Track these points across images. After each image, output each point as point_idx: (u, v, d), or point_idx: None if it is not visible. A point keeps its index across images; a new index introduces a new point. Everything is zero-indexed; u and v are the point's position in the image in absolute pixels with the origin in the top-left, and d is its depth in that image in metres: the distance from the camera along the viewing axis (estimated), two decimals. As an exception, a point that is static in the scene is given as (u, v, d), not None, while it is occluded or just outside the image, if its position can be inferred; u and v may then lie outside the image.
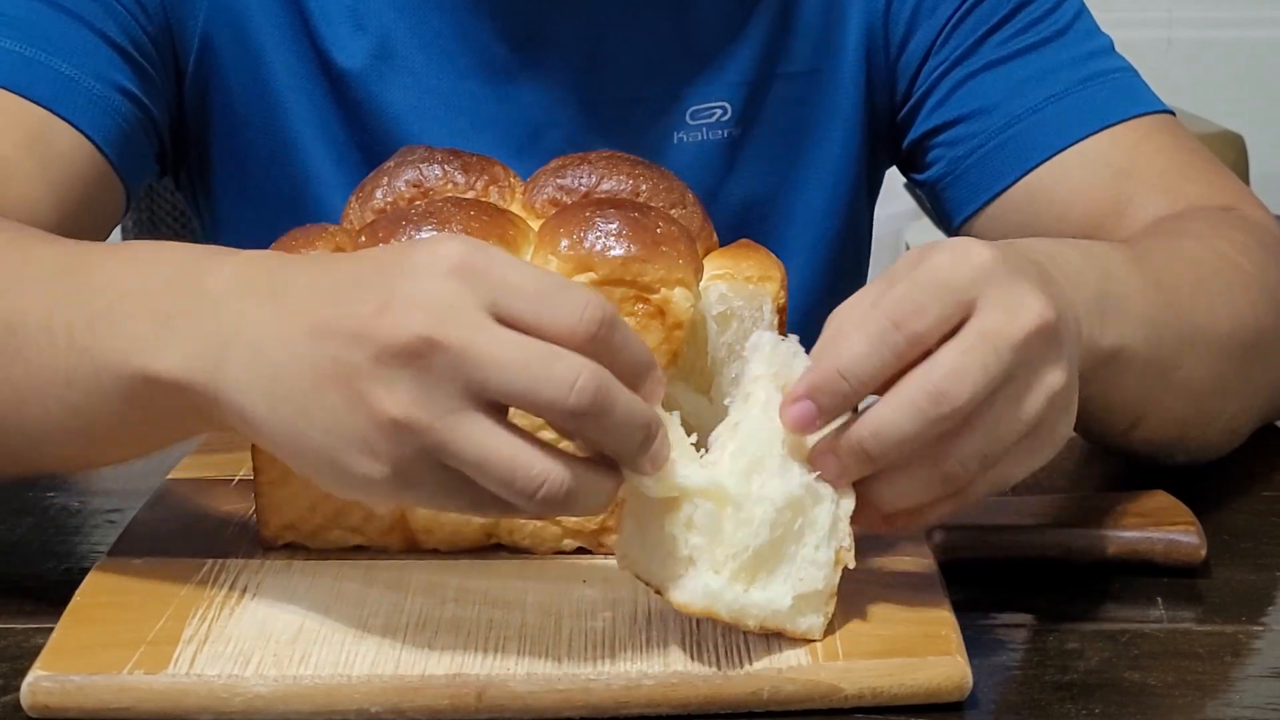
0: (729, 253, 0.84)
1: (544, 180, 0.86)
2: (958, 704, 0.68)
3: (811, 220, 1.15)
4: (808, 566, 0.70)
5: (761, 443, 0.69)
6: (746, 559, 0.69)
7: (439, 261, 0.65)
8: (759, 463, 0.69)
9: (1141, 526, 0.81)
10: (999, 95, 1.08)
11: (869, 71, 1.12)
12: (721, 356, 0.83)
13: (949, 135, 1.10)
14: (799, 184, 1.14)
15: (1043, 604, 0.78)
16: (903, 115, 1.14)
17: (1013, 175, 1.07)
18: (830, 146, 1.13)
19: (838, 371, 0.68)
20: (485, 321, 0.64)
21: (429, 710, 0.67)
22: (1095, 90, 1.07)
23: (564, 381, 0.64)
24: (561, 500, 0.65)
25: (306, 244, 0.78)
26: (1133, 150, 1.05)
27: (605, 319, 0.65)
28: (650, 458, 0.67)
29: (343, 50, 1.08)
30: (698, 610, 0.69)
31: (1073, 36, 1.09)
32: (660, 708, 0.67)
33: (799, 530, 0.69)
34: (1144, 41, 1.13)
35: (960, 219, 1.11)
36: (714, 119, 1.10)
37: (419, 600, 0.74)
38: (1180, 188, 1.03)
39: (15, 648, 0.73)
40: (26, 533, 0.87)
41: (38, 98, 0.97)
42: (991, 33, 1.09)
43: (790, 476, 0.69)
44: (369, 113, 1.08)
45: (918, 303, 0.68)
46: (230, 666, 0.68)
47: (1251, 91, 2.92)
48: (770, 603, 0.69)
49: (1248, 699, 0.69)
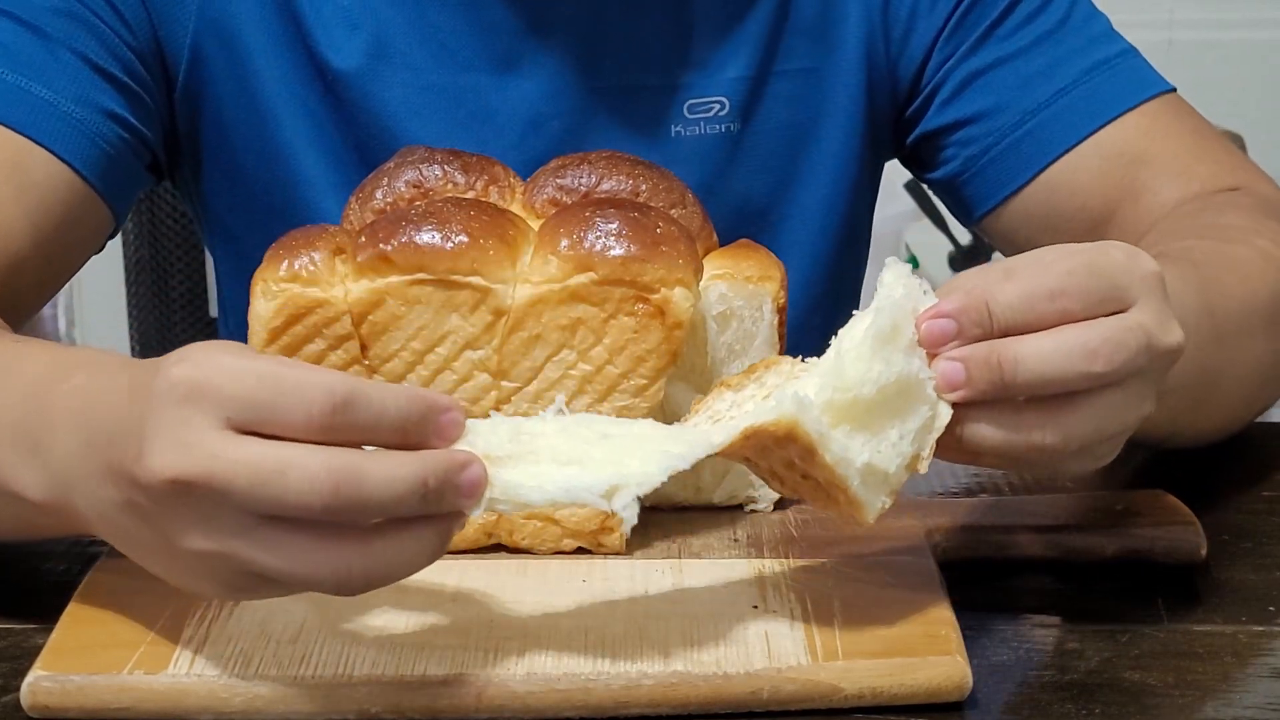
0: (729, 253, 0.84)
1: (544, 180, 0.86)
2: (958, 704, 0.68)
3: (811, 218, 1.16)
4: (888, 446, 0.70)
5: (899, 319, 0.70)
6: (845, 401, 0.69)
7: (172, 390, 0.64)
8: (897, 332, 0.70)
9: (1141, 526, 0.81)
10: (1009, 93, 1.10)
11: (869, 69, 1.13)
12: (721, 356, 0.83)
13: (962, 134, 1.12)
14: (799, 181, 1.15)
15: (1043, 604, 0.78)
16: (909, 113, 1.14)
17: (1031, 171, 1.10)
18: (830, 144, 1.14)
19: (987, 305, 0.70)
20: (223, 442, 0.64)
21: (429, 710, 0.67)
22: (1101, 80, 1.09)
23: (301, 488, 0.63)
24: (379, 578, 0.65)
25: (306, 244, 0.78)
26: (1144, 136, 1.08)
27: (337, 404, 0.64)
28: (460, 500, 0.65)
29: (337, 52, 1.08)
30: (783, 417, 0.68)
31: (1074, 24, 1.11)
32: (660, 708, 0.67)
33: (897, 412, 0.70)
34: (1145, 42, 1.13)
35: (981, 212, 1.13)
36: (712, 114, 1.11)
37: (419, 600, 0.74)
38: (1192, 169, 1.06)
39: (15, 648, 0.73)
40: (27, 533, 0.87)
41: (15, 124, 0.97)
42: (995, 27, 1.10)
43: (898, 363, 0.70)
44: (365, 112, 1.08)
45: (1084, 286, 0.71)
46: (230, 666, 0.68)
47: (1252, 92, 2.92)
48: (846, 450, 0.69)
49: (1248, 699, 0.69)
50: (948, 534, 0.80)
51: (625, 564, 0.78)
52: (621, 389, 0.78)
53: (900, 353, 0.70)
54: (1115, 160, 1.08)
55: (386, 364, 0.78)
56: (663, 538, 0.80)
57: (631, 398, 0.78)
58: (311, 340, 0.77)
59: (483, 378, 0.78)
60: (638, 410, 0.78)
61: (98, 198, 1.01)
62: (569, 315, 0.77)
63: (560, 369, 0.78)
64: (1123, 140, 1.08)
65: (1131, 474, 0.92)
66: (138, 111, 1.05)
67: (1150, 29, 2.85)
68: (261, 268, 0.78)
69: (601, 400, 0.78)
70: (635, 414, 0.78)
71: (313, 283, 0.77)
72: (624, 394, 0.78)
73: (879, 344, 0.70)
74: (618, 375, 0.77)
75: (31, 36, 1.00)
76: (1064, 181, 1.09)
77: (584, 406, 0.78)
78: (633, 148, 1.07)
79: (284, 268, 0.77)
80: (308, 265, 0.77)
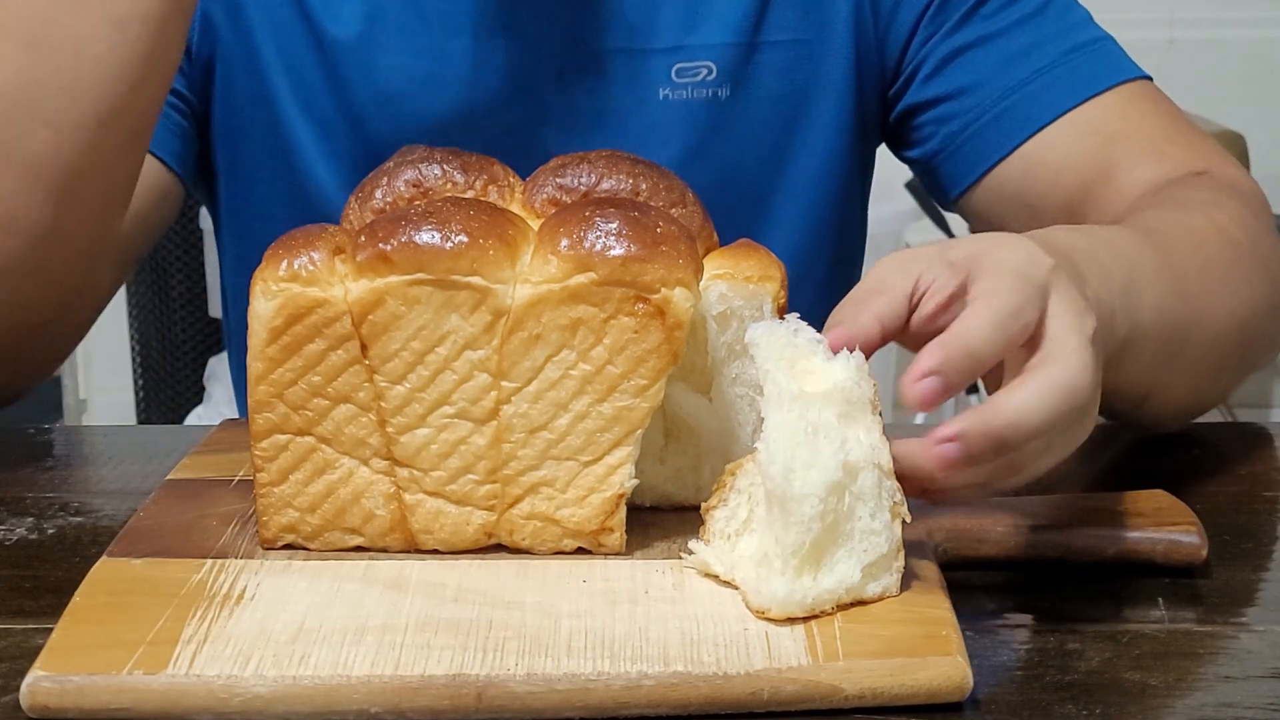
0: (729, 252, 0.84)
1: (543, 179, 0.86)
2: (958, 704, 0.68)
3: (802, 190, 1.16)
4: (868, 536, 0.71)
5: (787, 440, 0.70)
6: (806, 552, 0.70)
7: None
8: (791, 460, 0.70)
9: (1142, 527, 0.80)
10: (989, 70, 1.12)
11: (858, 44, 1.14)
12: (721, 356, 0.83)
13: (941, 111, 1.13)
14: (789, 154, 1.15)
15: (1043, 604, 0.78)
16: (893, 90, 1.16)
17: (1007, 148, 1.11)
18: (821, 116, 1.15)
19: (965, 351, 0.71)
20: None
21: (429, 710, 0.67)
22: (1080, 61, 1.11)
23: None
24: None
25: (306, 244, 0.78)
26: (1119, 117, 1.10)
27: None
28: None
29: (335, 20, 1.09)
30: (777, 615, 0.70)
31: (1055, 9, 1.13)
32: (660, 708, 0.67)
33: (849, 508, 0.71)
34: (1146, 41, 1.14)
35: (957, 191, 1.15)
36: (699, 78, 1.12)
37: (419, 600, 0.74)
38: (1165, 150, 1.08)
39: (15, 648, 0.73)
40: (26, 533, 0.87)
41: None
42: (978, 7, 1.12)
43: (824, 463, 0.70)
44: (359, 80, 1.10)
45: (1016, 301, 0.72)
46: (229, 667, 0.68)
47: (1253, 91, 2.92)
48: (841, 583, 0.71)
49: (1248, 699, 0.69)
50: (948, 534, 0.80)
51: (625, 564, 0.78)
52: (622, 389, 0.78)
53: (810, 468, 0.70)
54: (1090, 138, 1.09)
55: (387, 364, 0.77)
56: (663, 538, 0.80)
57: (632, 398, 0.78)
58: (312, 340, 0.77)
59: (483, 378, 0.78)
60: (638, 410, 0.78)
61: (178, 181, 1.10)
62: (569, 315, 0.77)
63: (560, 369, 0.77)
64: (1099, 119, 1.09)
65: (1132, 474, 0.92)
66: (186, 80, 1.11)
67: (1151, 28, 2.85)
68: (261, 267, 0.78)
69: (602, 401, 0.78)
70: (636, 414, 0.78)
71: (312, 282, 0.77)
72: (624, 394, 0.78)
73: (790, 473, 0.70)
74: (618, 375, 0.77)
75: None
76: (1039, 158, 1.10)
77: (584, 407, 0.78)
78: (620, 110, 1.09)
79: (284, 267, 0.77)
80: (307, 265, 0.77)
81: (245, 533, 0.81)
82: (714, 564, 0.75)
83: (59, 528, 0.88)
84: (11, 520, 0.89)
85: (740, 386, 0.83)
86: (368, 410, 0.78)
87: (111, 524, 0.88)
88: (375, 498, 0.79)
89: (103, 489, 0.94)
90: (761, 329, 0.74)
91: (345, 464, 0.79)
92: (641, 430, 0.78)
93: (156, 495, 0.86)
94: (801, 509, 0.70)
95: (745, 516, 0.75)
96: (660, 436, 0.84)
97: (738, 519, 0.75)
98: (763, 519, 0.73)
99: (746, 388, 0.83)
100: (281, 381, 0.78)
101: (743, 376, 0.82)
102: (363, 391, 0.78)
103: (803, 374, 0.73)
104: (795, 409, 0.71)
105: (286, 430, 0.79)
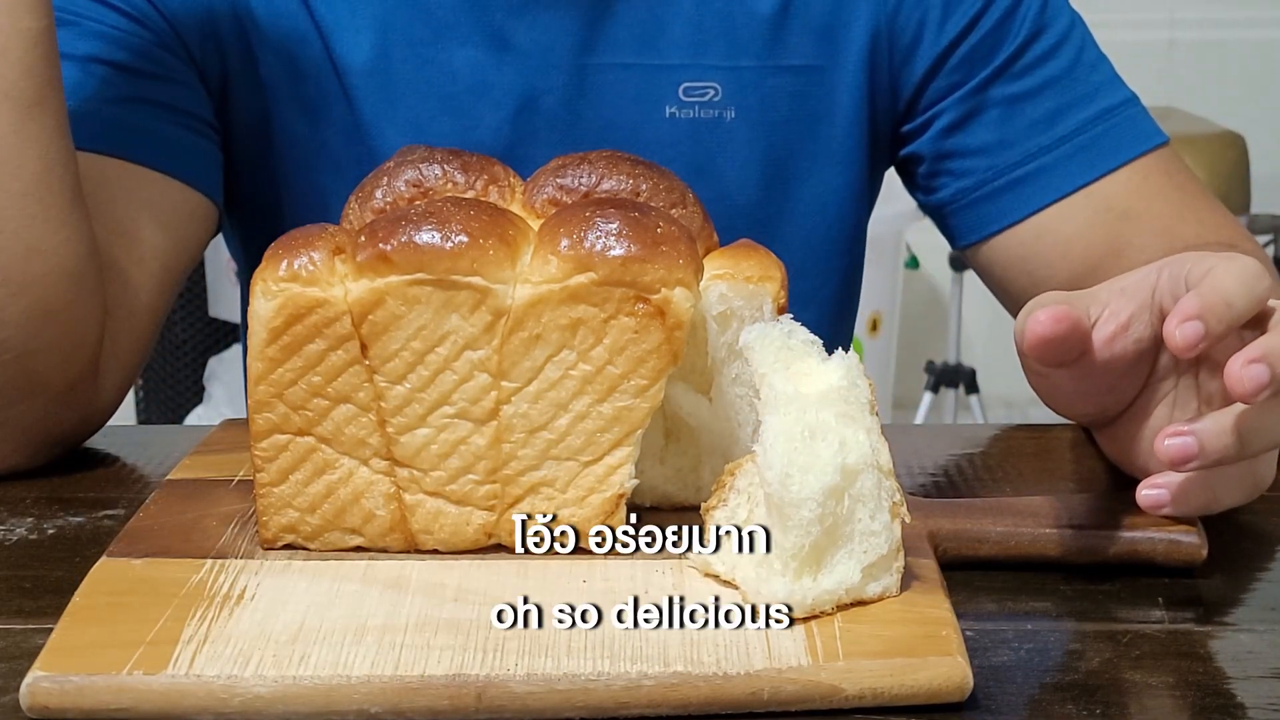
0: (729, 253, 0.84)
1: (544, 180, 0.86)
2: (958, 704, 0.68)
3: (806, 214, 1.16)
4: (867, 538, 0.72)
5: (784, 444, 0.70)
6: (806, 555, 0.70)
7: None
8: (789, 464, 0.70)
9: (1142, 526, 0.80)
10: (1012, 134, 1.13)
11: (871, 74, 1.13)
12: (721, 356, 0.83)
13: (959, 165, 1.14)
14: (795, 177, 1.15)
15: (1043, 604, 0.78)
16: (907, 128, 1.15)
17: (1020, 214, 1.13)
18: (829, 143, 1.15)
19: (1224, 299, 0.73)
20: None
21: (429, 710, 0.67)
22: (1102, 131, 1.12)
23: None
24: None
25: (306, 244, 0.78)
26: (1134, 194, 1.11)
27: None
28: None
29: (348, 38, 1.10)
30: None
31: (1081, 70, 1.14)
32: (660, 708, 0.67)
33: (849, 510, 0.71)
34: (1146, 42, 1.14)
35: (964, 244, 1.16)
36: (706, 98, 1.12)
37: (418, 600, 0.74)
38: (1176, 230, 1.09)
39: (15, 648, 0.73)
40: (26, 533, 0.87)
41: (144, 160, 1.05)
42: (1008, 65, 1.13)
43: (822, 467, 0.70)
44: (372, 95, 1.10)
45: (1256, 267, 0.75)
46: (229, 667, 0.68)
47: (1253, 92, 2.92)
48: (841, 583, 0.71)
49: (1248, 699, 0.69)
50: (948, 534, 0.80)
51: (625, 564, 0.78)
52: (622, 389, 0.78)
53: (808, 472, 0.70)
54: (1105, 214, 1.11)
55: (387, 364, 0.77)
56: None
57: (632, 398, 0.78)
58: (312, 340, 0.77)
59: (483, 378, 0.78)
60: (638, 410, 0.78)
61: (210, 203, 1.10)
62: (569, 315, 0.77)
63: (560, 369, 0.78)
64: (1115, 195, 1.11)
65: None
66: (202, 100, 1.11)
67: (1151, 28, 2.85)
68: (261, 267, 0.78)
69: (602, 401, 0.78)
70: (636, 414, 0.78)
71: (312, 282, 0.77)
72: (624, 394, 0.78)
73: (787, 478, 0.70)
74: (618, 375, 0.77)
75: (114, 72, 1.05)
76: (1052, 228, 1.11)
77: (584, 407, 0.78)
78: (627, 126, 1.09)
79: (283, 267, 0.77)
80: (307, 265, 0.77)
81: (245, 533, 0.81)
82: (714, 564, 0.75)
83: (59, 528, 0.88)
84: (11, 520, 0.89)
85: (740, 387, 0.83)
86: (368, 410, 0.78)
87: (111, 524, 0.88)
88: (375, 498, 0.79)
89: (103, 489, 0.94)
90: (756, 332, 0.74)
91: (345, 464, 0.79)
92: (641, 430, 0.78)
93: (156, 495, 0.86)
94: (800, 513, 0.70)
95: (745, 516, 0.75)
96: (660, 436, 0.84)
97: (738, 519, 0.75)
98: (762, 519, 0.73)
99: (747, 388, 0.83)
100: (281, 381, 0.78)
101: (743, 377, 0.83)
102: (363, 391, 0.78)
103: (799, 375, 0.73)
104: (792, 411, 0.71)
105: (286, 430, 0.79)
